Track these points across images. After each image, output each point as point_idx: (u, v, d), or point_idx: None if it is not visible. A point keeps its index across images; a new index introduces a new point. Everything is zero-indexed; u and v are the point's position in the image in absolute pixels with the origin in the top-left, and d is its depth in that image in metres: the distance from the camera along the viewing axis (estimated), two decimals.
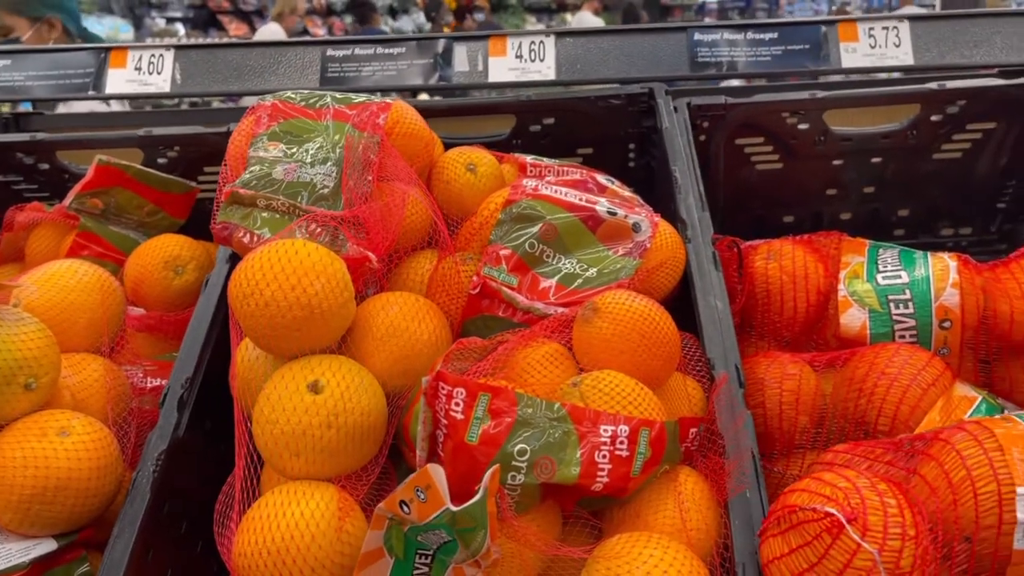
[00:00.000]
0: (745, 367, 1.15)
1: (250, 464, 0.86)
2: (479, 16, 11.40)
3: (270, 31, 7.15)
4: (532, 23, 12.87)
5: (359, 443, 0.82)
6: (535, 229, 0.95)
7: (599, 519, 0.84)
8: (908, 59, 1.43)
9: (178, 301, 1.20)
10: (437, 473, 0.65)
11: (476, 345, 0.84)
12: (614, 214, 0.97)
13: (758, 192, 1.43)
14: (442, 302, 0.99)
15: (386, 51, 1.49)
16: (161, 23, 9.86)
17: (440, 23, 11.25)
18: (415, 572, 0.75)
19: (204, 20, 10.21)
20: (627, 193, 1.08)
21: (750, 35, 1.46)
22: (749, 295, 1.21)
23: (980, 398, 1.06)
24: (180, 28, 9.89)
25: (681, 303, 1.06)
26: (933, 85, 1.28)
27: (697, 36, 1.46)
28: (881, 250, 1.23)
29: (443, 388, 0.74)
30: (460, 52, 1.49)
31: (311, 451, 0.80)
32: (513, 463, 0.73)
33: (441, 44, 1.50)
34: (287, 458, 0.81)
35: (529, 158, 1.09)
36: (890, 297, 1.14)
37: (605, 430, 0.76)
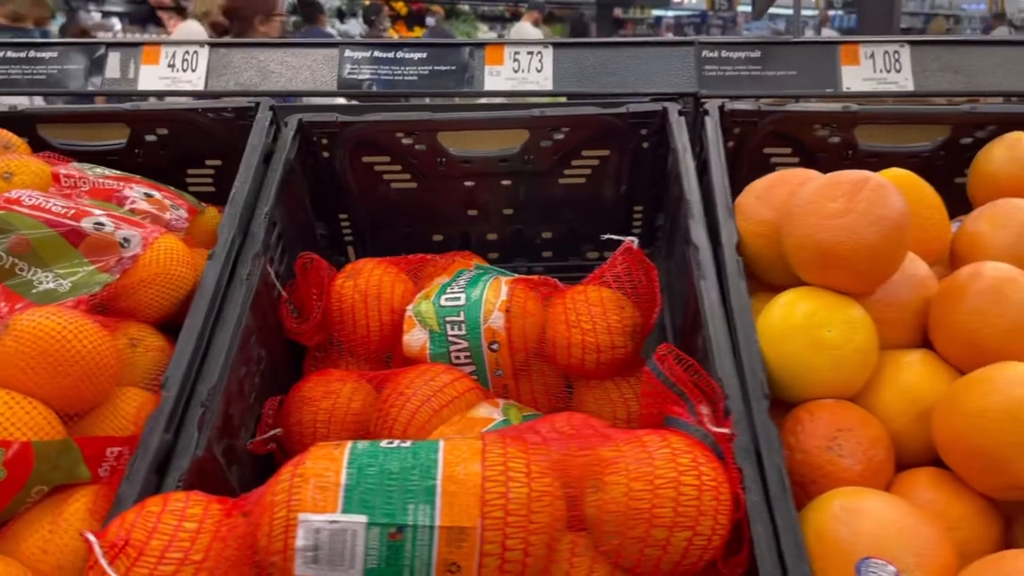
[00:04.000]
0: (298, 385, 1.16)
1: None
2: (430, 22, 11.39)
3: (188, 29, 7.00)
4: (484, 31, 12.93)
5: None
6: (5, 242, 0.94)
7: None
8: (548, 84, 1.46)
9: None
10: None
11: None
12: (101, 228, 0.97)
13: (402, 210, 1.44)
14: None
15: (37, 55, 1.47)
16: (97, 17, 9.61)
17: (379, 27, 11.23)
18: None
19: (143, 16, 9.98)
20: (167, 214, 1.08)
21: (400, 54, 1.47)
22: (327, 312, 1.22)
23: (501, 419, 1.08)
24: (116, 23, 9.65)
25: None
26: (535, 112, 1.31)
27: (348, 52, 1.47)
28: (466, 272, 1.25)
29: None
30: (113, 59, 1.48)
31: None
32: None
33: (98, 50, 1.49)
34: None
35: (65, 168, 1.08)
36: (447, 319, 1.15)
37: None
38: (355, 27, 11.72)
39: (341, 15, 12.01)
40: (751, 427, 0.87)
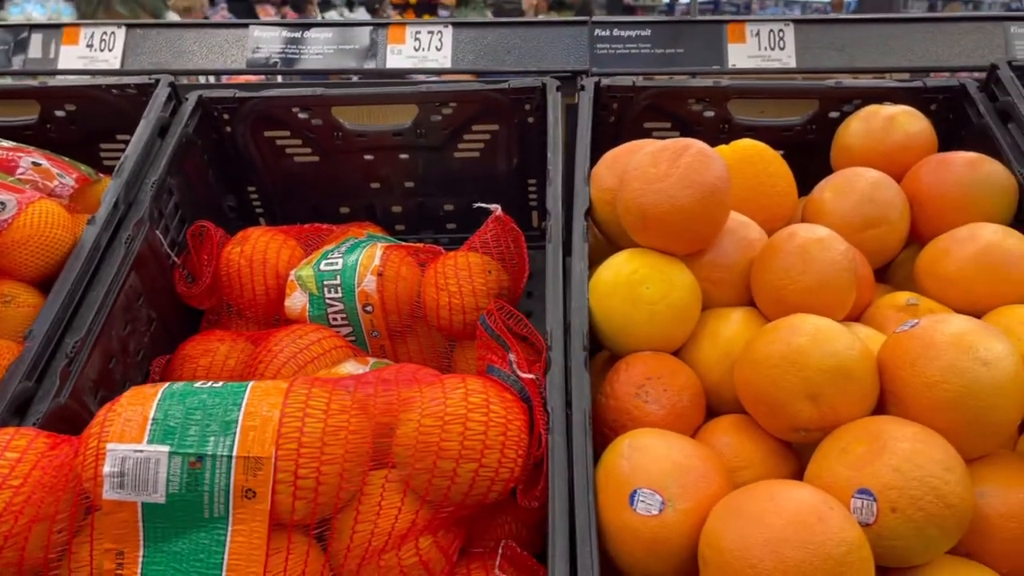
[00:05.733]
0: (182, 345, 1.23)
1: None
2: (443, 13, 11.39)
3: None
4: (490, 17, 12.91)
5: None
6: None
7: None
8: (447, 63, 1.52)
9: None
10: None
11: None
12: None
13: (308, 183, 1.51)
14: None
15: None
16: None
17: (382, 14, 11.30)
18: None
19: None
20: (53, 182, 1.15)
21: (307, 34, 1.53)
22: (218, 277, 1.28)
23: None
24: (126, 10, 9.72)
25: None
26: (422, 88, 1.37)
27: (256, 32, 1.53)
28: (352, 240, 1.32)
29: None
30: (36, 40, 1.55)
31: None
32: None
33: (22, 32, 1.56)
34: None
35: None
36: (325, 282, 1.22)
37: None
38: (362, 13, 11.76)
39: (351, 4, 12.05)
40: (567, 376, 0.93)
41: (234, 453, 0.77)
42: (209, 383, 0.83)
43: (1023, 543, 0.80)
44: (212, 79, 1.97)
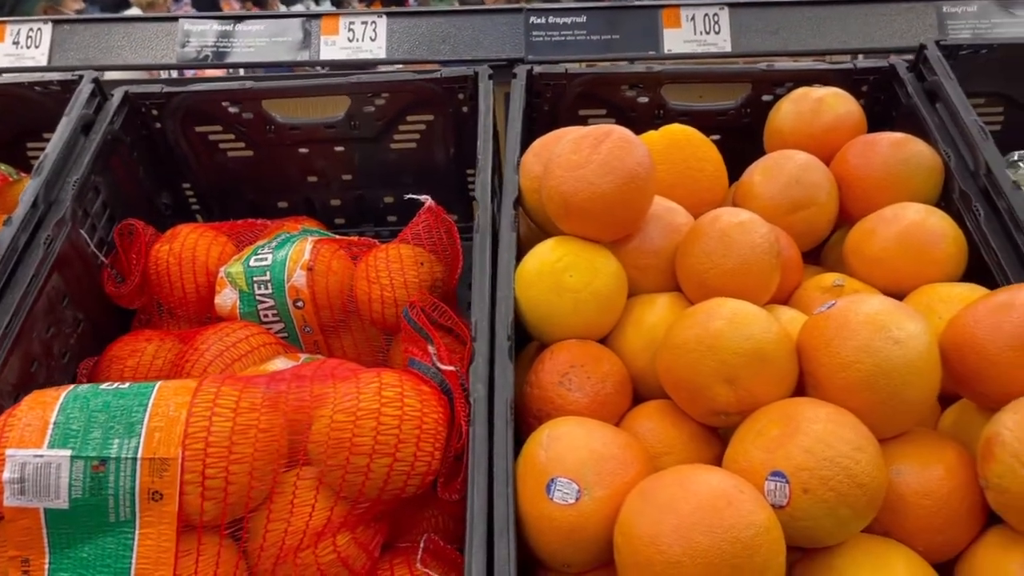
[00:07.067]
0: (110, 346, 1.20)
1: None
2: (411, 2, 11.38)
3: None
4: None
5: None
6: None
7: None
8: (381, 53, 1.50)
9: None
10: None
11: None
12: None
13: (243, 178, 1.48)
14: None
15: None
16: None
17: (345, 5, 11.23)
18: None
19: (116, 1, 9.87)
20: None
21: (239, 26, 1.50)
22: (147, 276, 1.26)
23: None
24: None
25: None
26: (353, 78, 1.35)
27: (187, 26, 1.50)
28: (285, 235, 1.30)
29: None
30: None
31: None
32: None
33: None
34: None
35: None
36: (255, 278, 1.20)
37: None
38: (327, 5, 11.68)
39: None
40: (491, 366, 0.93)
41: (139, 455, 0.75)
42: (116, 384, 0.81)
43: (938, 520, 0.80)
44: (173, 74, 1.94)
